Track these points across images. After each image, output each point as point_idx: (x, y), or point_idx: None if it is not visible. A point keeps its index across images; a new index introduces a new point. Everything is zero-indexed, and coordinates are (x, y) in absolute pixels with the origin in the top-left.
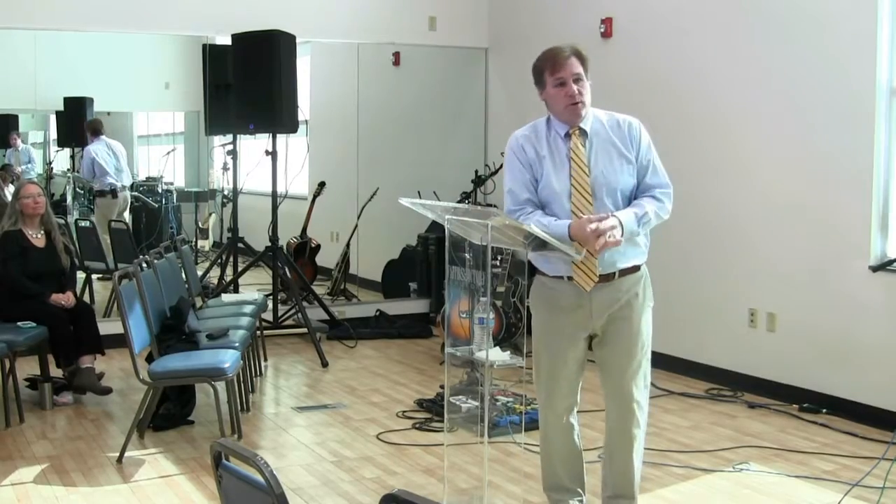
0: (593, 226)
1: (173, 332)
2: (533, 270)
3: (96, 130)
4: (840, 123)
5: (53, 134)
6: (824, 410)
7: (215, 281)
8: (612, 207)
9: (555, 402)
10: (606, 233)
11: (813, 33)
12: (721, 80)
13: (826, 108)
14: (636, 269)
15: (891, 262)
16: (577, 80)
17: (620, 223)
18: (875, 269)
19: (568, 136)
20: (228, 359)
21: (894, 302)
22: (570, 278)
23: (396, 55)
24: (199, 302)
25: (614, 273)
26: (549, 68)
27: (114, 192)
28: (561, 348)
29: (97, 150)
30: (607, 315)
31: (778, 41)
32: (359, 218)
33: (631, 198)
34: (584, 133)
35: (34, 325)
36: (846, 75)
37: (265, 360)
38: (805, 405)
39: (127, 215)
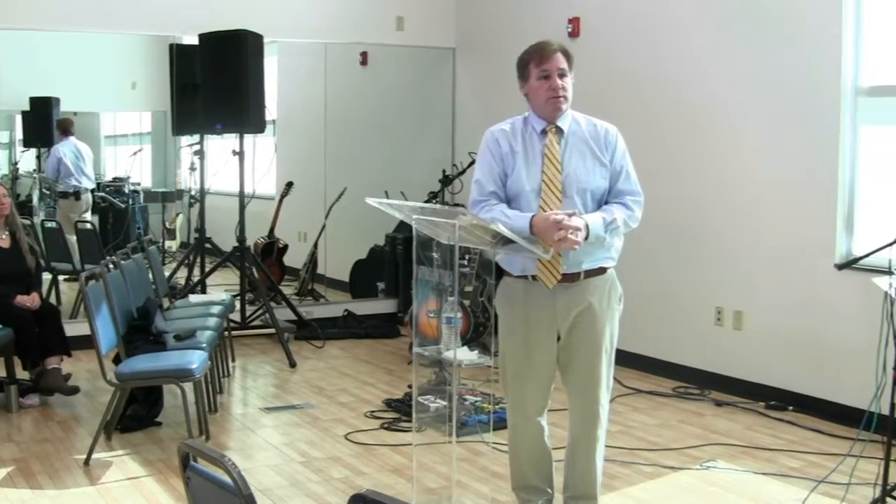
0: (558, 216)
1: (140, 333)
2: (501, 271)
3: (66, 130)
4: (806, 123)
5: (19, 134)
6: (791, 408)
7: (183, 281)
8: (581, 208)
9: (522, 403)
10: (569, 229)
11: (779, 34)
12: (688, 81)
13: (792, 107)
14: (603, 271)
15: (856, 260)
16: (562, 75)
17: (587, 226)
18: (840, 267)
19: (544, 132)
20: (196, 360)
21: (860, 300)
22: (534, 277)
23: (364, 55)
24: (166, 303)
25: (579, 273)
26: (536, 60)
27: (77, 194)
28: (526, 349)
29: (65, 150)
30: (572, 317)
31: (745, 41)
32: (326, 218)
33: (601, 201)
34: (560, 131)
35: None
36: (812, 75)
37: (233, 360)
38: (772, 403)
39: (90, 215)
